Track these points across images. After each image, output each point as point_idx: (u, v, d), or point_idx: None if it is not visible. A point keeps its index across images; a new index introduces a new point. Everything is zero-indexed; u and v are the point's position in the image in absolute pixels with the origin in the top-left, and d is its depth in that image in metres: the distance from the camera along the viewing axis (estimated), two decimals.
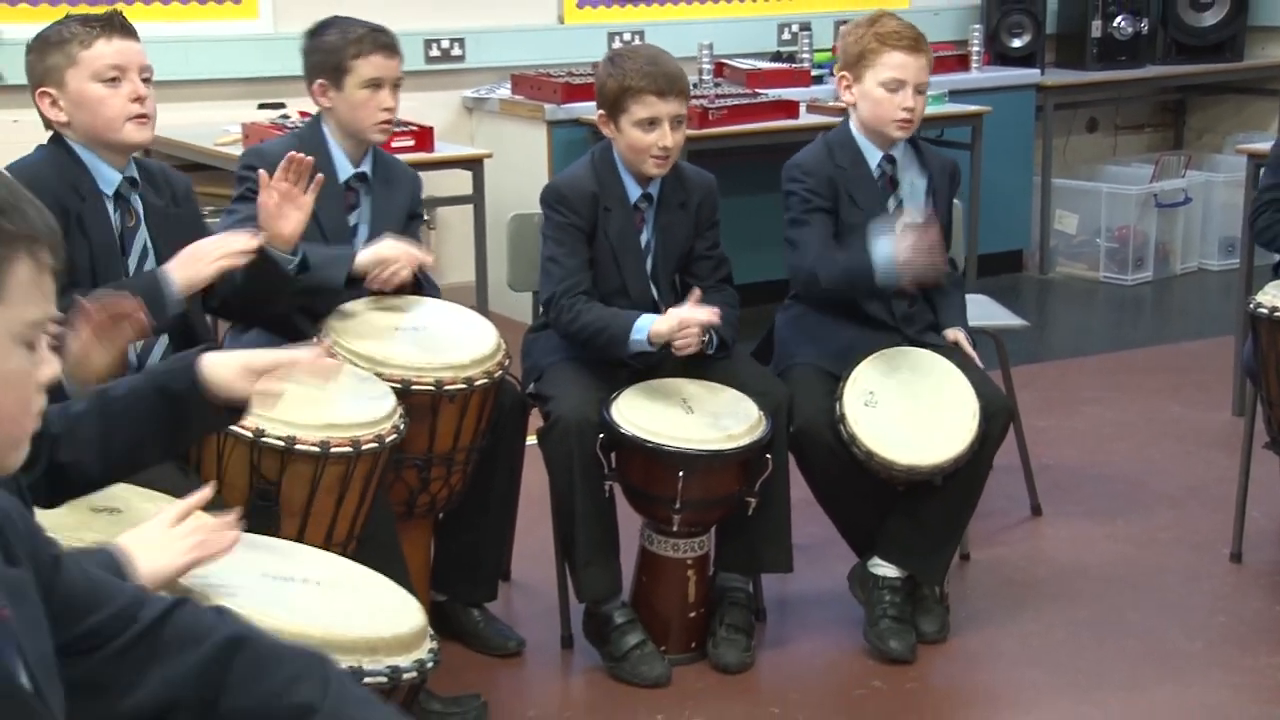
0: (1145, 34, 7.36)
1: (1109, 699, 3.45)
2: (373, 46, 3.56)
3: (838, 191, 3.74)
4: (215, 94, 5.91)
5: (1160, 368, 5.87)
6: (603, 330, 3.54)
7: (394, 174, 3.74)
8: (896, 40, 3.65)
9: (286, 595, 2.20)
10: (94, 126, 3.11)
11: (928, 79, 3.73)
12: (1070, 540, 4.32)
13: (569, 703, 3.54)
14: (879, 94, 3.68)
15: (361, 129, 3.60)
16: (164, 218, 3.25)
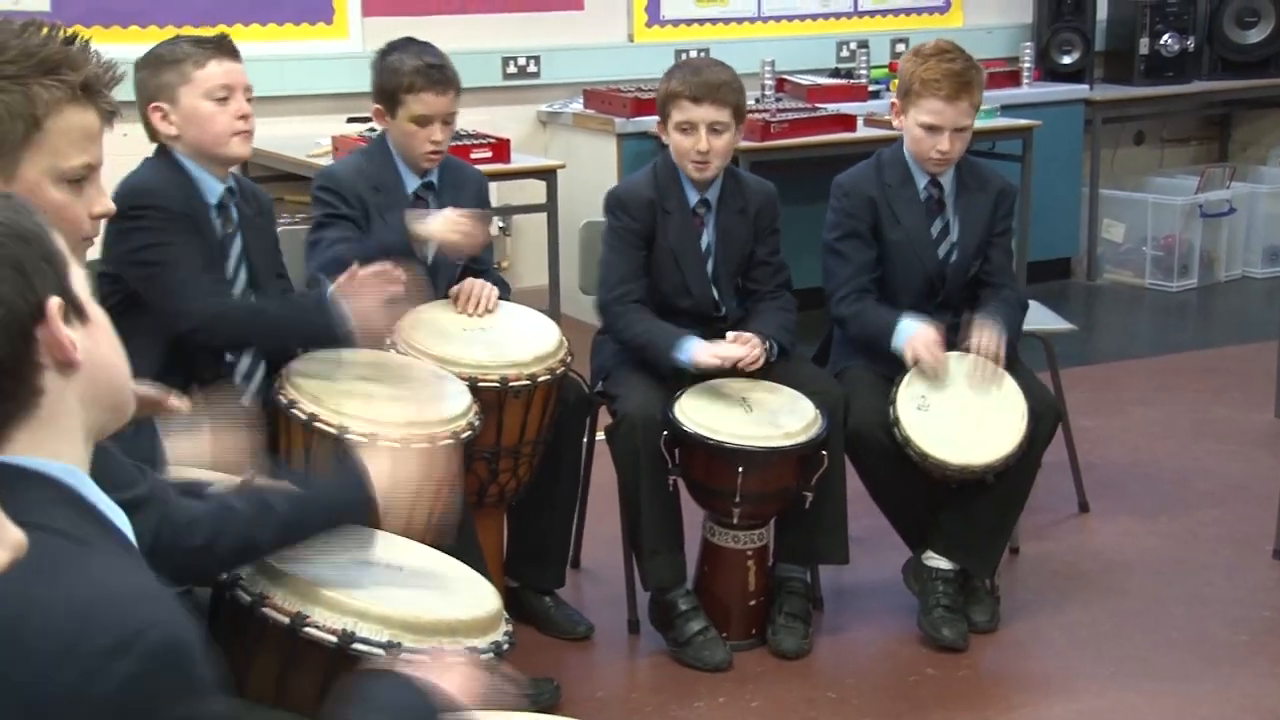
0: (1191, 51, 7.30)
1: (1154, 688, 3.43)
2: (425, 83, 3.53)
3: (878, 210, 3.73)
4: (308, 109, 5.96)
5: (1204, 371, 5.81)
6: (648, 345, 3.56)
7: (461, 178, 3.76)
8: (935, 89, 3.61)
9: (371, 579, 2.21)
10: (202, 140, 3.15)
11: (970, 120, 3.68)
12: (1116, 535, 4.29)
13: (636, 685, 3.55)
14: (918, 133, 3.67)
15: (411, 157, 3.61)
16: (254, 228, 3.29)
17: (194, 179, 3.16)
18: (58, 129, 1.92)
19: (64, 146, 1.93)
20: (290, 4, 6.06)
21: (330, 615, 2.08)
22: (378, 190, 3.57)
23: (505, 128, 5.96)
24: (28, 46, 1.90)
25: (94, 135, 1.98)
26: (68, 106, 1.93)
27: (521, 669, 3.30)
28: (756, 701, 3.39)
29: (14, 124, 1.89)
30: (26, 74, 1.89)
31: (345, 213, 3.52)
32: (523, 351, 3.42)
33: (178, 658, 1.20)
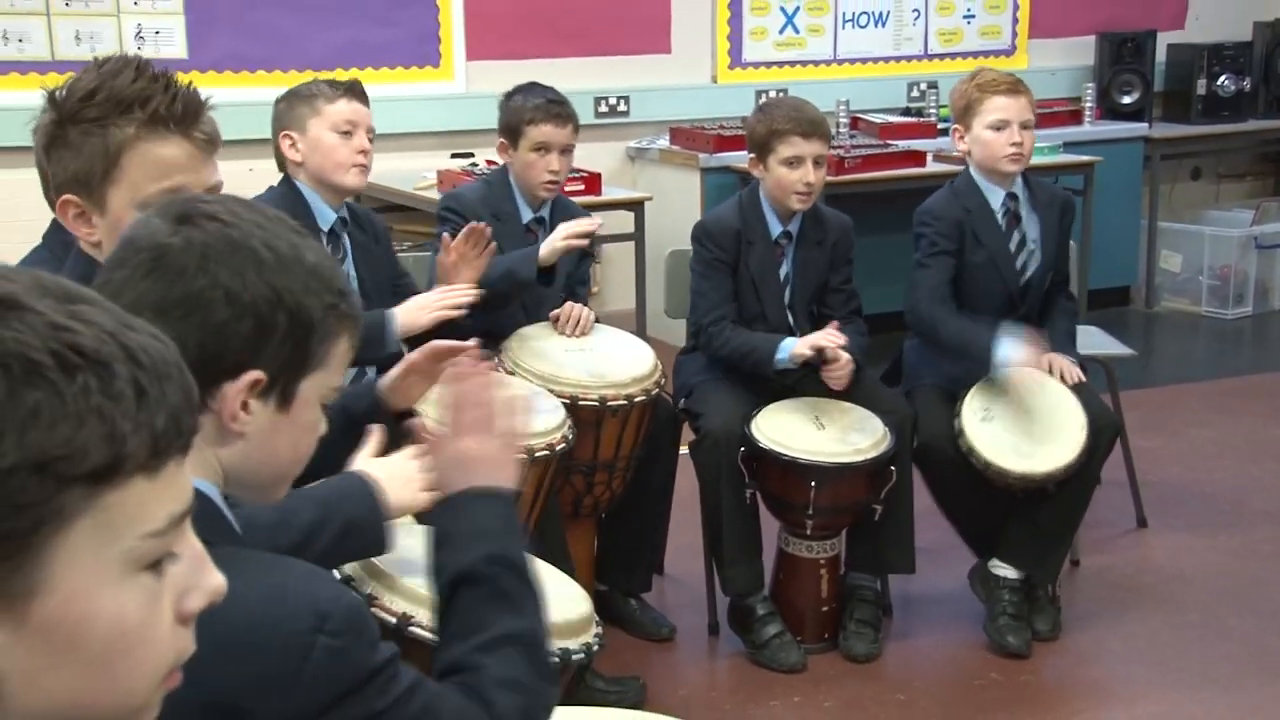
0: (1247, 91, 7.24)
1: (1211, 697, 3.36)
2: (545, 116, 3.60)
3: (964, 232, 3.71)
4: (415, 145, 6.02)
5: (1260, 394, 5.73)
6: (750, 352, 3.55)
7: (570, 215, 3.78)
8: (995, 87, 3.66)
9: None
10: (323, 167, 3.23)
11: (1031, 116, 3.68)
12: (1174, 550, 4.22)
13: (715, 684, 3.53)
14: (988, 135, 3.66)
15: (530, 186, 3.65)
16: (367, 253, 3.36)
17: (309, 205, 3.24)
18: (133, 163, 1.90)
19: (140, 179, 1.90)
20: (402, 49, 6.15)
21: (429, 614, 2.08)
22: (496, 218, 3.61)
23: (597, 162, 6.00)
24: (114, 87, 1.89)
25: (177, 164, 1.93)
26: (144, 140, 1.90)
27: (608, 668, 3.34)
28: (829, 702, 3.37)
29: (96, 161, 1.89)
30: (106, 114, 1.88)
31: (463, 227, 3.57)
32: (621, 373, 3.43)
33: (361, 621, 1.32)
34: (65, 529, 0.84)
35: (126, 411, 0.85)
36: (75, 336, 0.85)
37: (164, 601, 0.91)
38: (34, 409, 0.82)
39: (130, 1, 5.73)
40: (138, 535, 0.87)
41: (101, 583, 0.86)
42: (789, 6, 6.85)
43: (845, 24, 6.98)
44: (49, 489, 0.83)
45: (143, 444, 0.86)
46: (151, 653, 0.90)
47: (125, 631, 0.88)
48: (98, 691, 0.88)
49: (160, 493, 0.89)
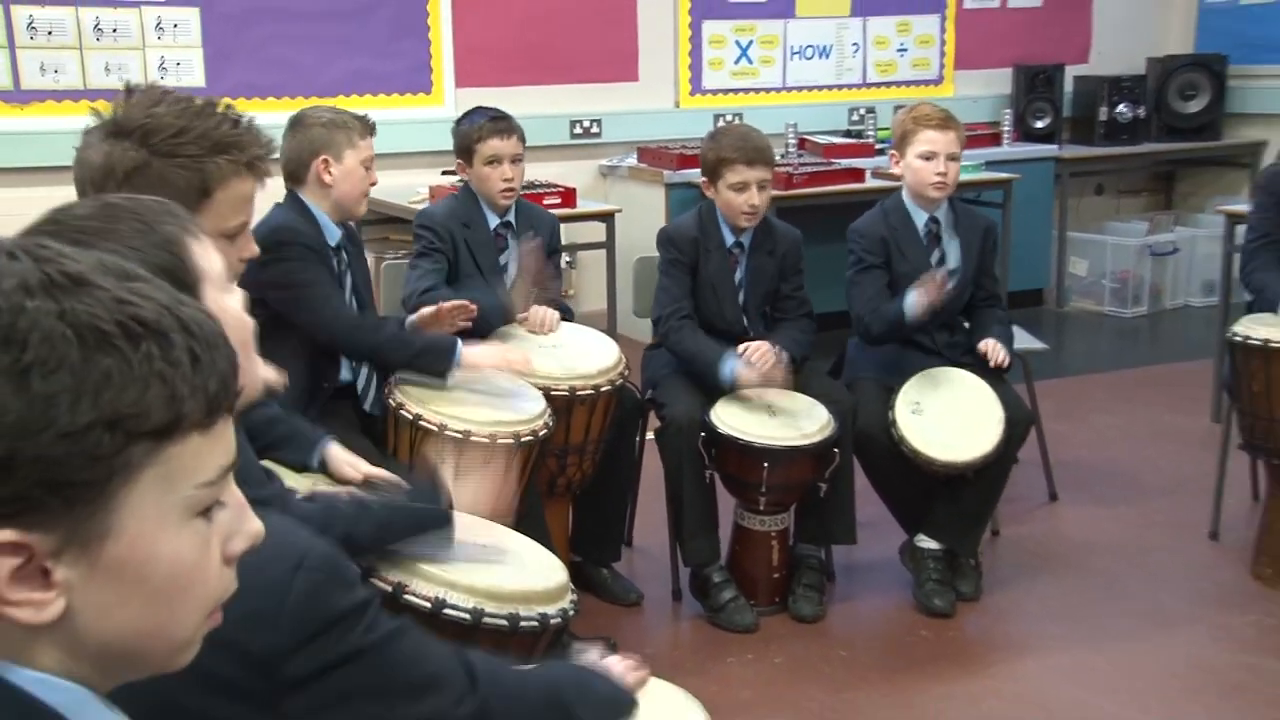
0: (1142, 118, 7.27)
1: (1111, 648, 3.39)
2: (490, 132, 3.56)
3: (889, 248, 3.71)
4: (410, 164, 5.99)
5: (1155, 384, 5.75)
6: (696, 357, 3.54)
7: (535, 218, 3.76)
8: (927, 121, 3.64)
9: (460, 555, 2.20)
10: (349, 195, 3.21)
11: (959, 150, 3.67)
12: (1081, 521, 4.24)
13: (679, 644, 3.52)
14: (918, 164, 3.65)
15: (490, 196, 3.62)
16: (357, 263, 3.35)
17: (320, 223, 3.19)
18: (224, 198, 1.95)
19: (227, 211, 1.96)
20: (399, 78, 6.12)
21: (425, 585, 2.07)
22: (466, 226, 3.60)
23: (572, 178, 5.98)
24: (205, 129, 1.92)
25: (250, 199, 2.02)
26: (234, 179, 1.95)
27: (583, 630, 3.32)
28: (779, 659, 3.37)
29: (190, 193, 1.91)
30: (204, 153, 1.91)
31: (438, 246, 3.56)
32: (588, 366, 3.41)
33: (335, 565, 1.31)
34: (133, 480, 0.86)
35: (184, 376, 0.87)
36: (137, 309, 0.86)
37: (213, 544, 0.93)
38: (106, 373, 0.83)
39: (154, 36, 5.68)
40: (193, 485, 0.90)
41: (162, 527, 0.88)
42: (743, 40, 6.84)
43: (793, 56, 6.97)
44: (120, 443, 0.84)
45: (198, 405, 0.88)
46: (202, 590, 0.93)
47: (182, 571, 0.90)
48: (158, 625, 0.90)
49: (212, 447, 0.91)
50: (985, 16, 7.33)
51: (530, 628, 2.09)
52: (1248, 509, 4.18)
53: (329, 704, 1.27)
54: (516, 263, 3.64)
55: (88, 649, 0.88)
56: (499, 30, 6.23)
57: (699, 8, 6.70)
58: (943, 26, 7.26)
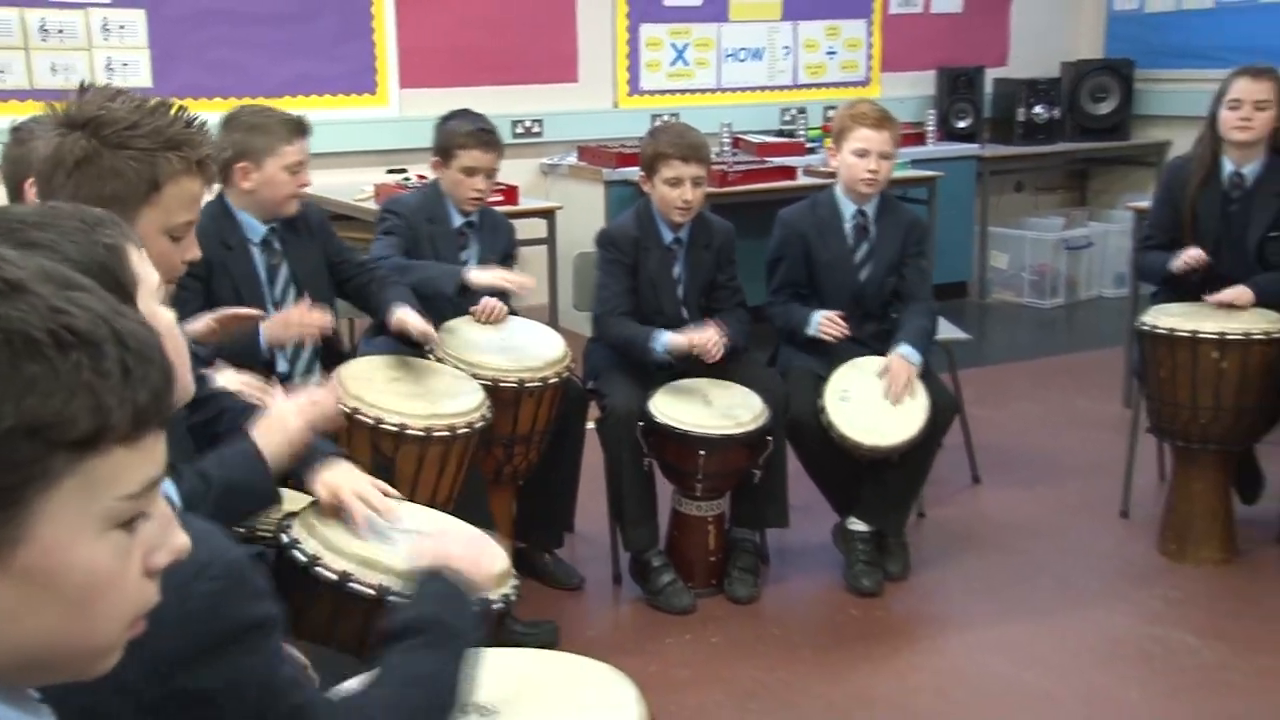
0: (1057, 119, 7.32)
1: (1030, 622, 3.42)
2: (475, 143, 3.54)
3: (809, 239, 3.72)
4: (355, 162, 5.92)
5: (1071, 371, 5.81)
6: (630, 341, 3.53)
7: (496, 223, 3.76)
8: (863, 119, 3.63)
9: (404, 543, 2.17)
10: (271, 199, 3.14)
11: (892, 150, 3.67)
12: (1002, 503, 4.27)
13: (619, 626, 3.51)
14: (851, 160, 3.65)
15: (457, 200, 3.60)
16: (303, 251, 3.27)
17: (239, 222, 3.13)
18: (172, 193, 1.91)
19: (175, 207, 1.92)
20: (344, 79, 6.05)
21: (369, 574, 2.04)
22: (431, 221, 3.59)
23: (514, 176, 5.92)
24: (158, 125, 1.90)
25: (198, 199, 1.98)
26: (183, 176, 1.92)
27: (528, 613, 3.30)
28: (716, 638, 3.37)
29: (139, 186, 1.88)
30: (156, 148, 1.89)
31: (400, 227, 3.56)
32: (535, 359, 3.38)
33: (240, 575, 1.23)
34: (51, 488, 0.82)
35: (113, 387, 0.84)
36: (71, 319, 0.83)
37: (134, 556, 0.90)
38: (30, 380, 0.81)
39: (101, 37, 5.56)
40: (115, 497, 0.86)
41: (78, 536, 0.85)
42: (679, 43, 6.83)
43: (727, 58, 6.97)
44: (39, 451, 0.81)
45: (125, 417, 0.85)
46: (120, 600, 0.89)
47: (98, 581, 0.87)
48: (71, 632, 0.87)
49: (138, 460, 0.87)
50: (909, 21, 7.37)
51: None
52: (1155, 488, 4.24)
53: None
54: (476, 262, 3.62)
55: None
56: (442, 33, 6.17)
57: (636, 12, 6.68)
58: (869, 31, 7.29)
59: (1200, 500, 3.77)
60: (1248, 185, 3.83)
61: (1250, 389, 3.61)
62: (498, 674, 1.67)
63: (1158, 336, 3.67)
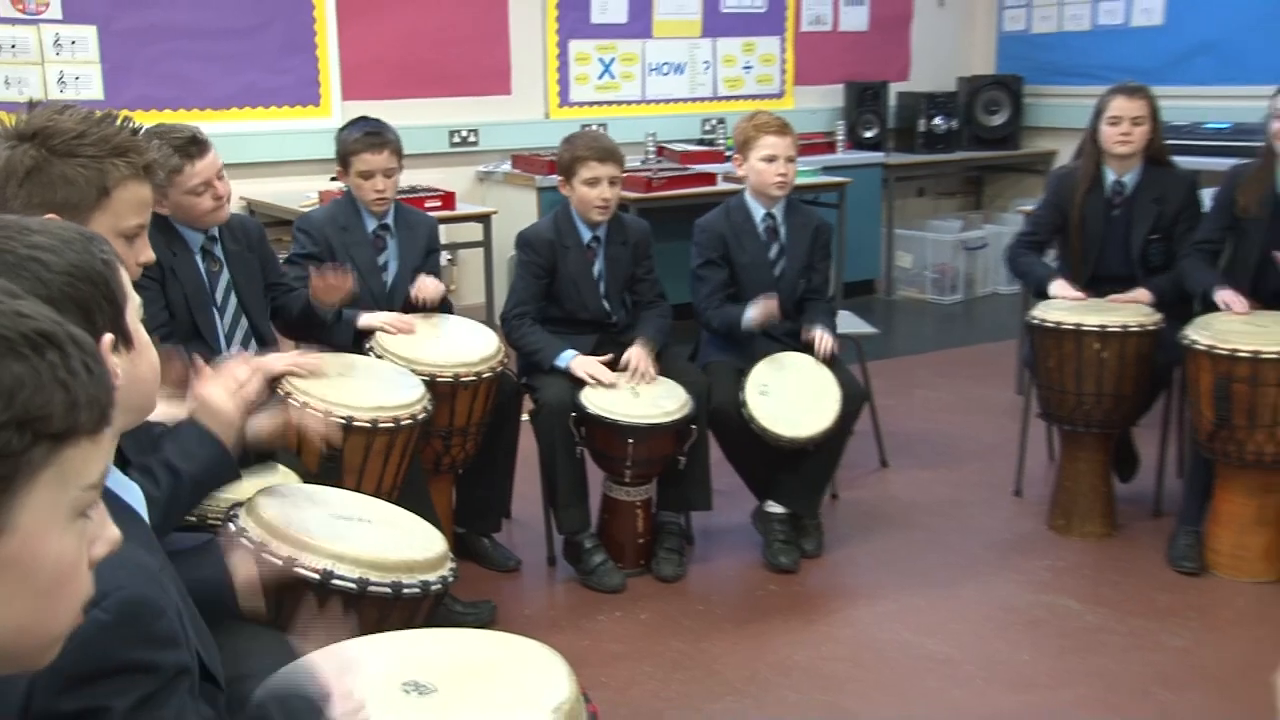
0: (955, 130, 7.41)
1: (933, 593, 3.46)
2: (364, 146, 3.44)
3: (728, 242, 3.72)
4: (300, 170, 5.83)
5: (970, 362, 5.88)
6: (535, 353, 3.52)
7: (414, 220, 3.67)
8: (767, 127, 3.66)
9: (346, 530, 2.14)
10: (189, 219, 3.05)
11: (795, 153, 3.70)
12: (908, 484, 4.32)
13: (554, 604, 3.50)
14: (761, 166, 3.67)
15: (364, 204, 3.52)
16: (242, 260, 3.20)
17: (179, 234, 3.06)
18: (122, 198, 1.88)
19: (125, 211, 1.89)
20: (289, 92, 5.95)
21: (314, 558, 2.01)
22: (345, 229, 3.51)
23: (452, 183, 5.89)
24: (104, 134, 1.87)
25: (147, 203, 1.94)
26: (131, 181, 1.89)
27: (468, 594, 3.28)
28: (645, 615, 3.37)
29: (90, 191, 1.85)
30: (103, 155, 1.85)
31: (311, 251, 3.46)
32: (470, 355, 3.35)
33: (137, 613, 1.15)
34: (32, 479, 0.84)
35: (82, 384, 0.86)
36: (36, 323, 0.85)
37: (84, 545, 0.90)
38: (19, 378, 0.82)
39: (53, 52, 5.42)
40: (81, 487, 0.87)
41: (53, 526, 0.86)
42: (606, 58, 6.81)
43: (651, 72, 6.96)
44: (26, 443, 0.82)
45: (92, 412, 0.87)
46: (80, 587, 0.90)
47: (65, 569, 0.88)
48: (40, 619, 0.87)
49: (98, 453, 0.89)
50: (819, 38, 7.43)
51: (412, 594, 2.04)
52: (1045, 469, 4.31)
53: None
54: (398, 261, 3.57)
55: None
56: (382, 47, 6.10)
57: (566, 28, 6.65)
58: (783, 47, 7.33)
59: (1084, 479, 3.84)
60: (1128, 193, 3.91)
61: (1128, 377, 3.68)
62: (435, 653, 1.66)
63: (1046, 329, 3.73)
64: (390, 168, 3.49)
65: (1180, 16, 6.81)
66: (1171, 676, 3.00)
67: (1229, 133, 6.06)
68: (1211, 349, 3.40)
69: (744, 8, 7.14)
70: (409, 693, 1.55)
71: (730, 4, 7.10)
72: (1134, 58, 6.85)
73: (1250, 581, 3.49)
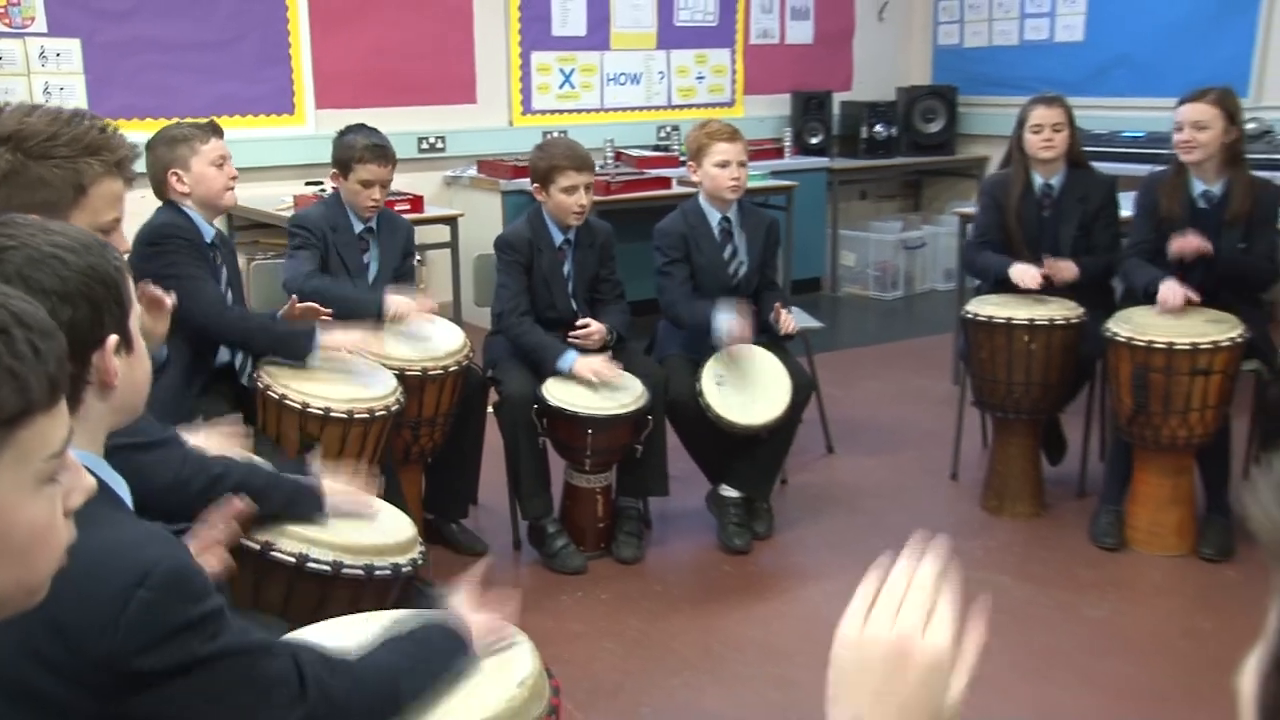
0: (894, 136, 7.45)
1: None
2: (371, 157, 3.44)
3: (688, 244, 3.73)
4: (276, 175, 5.78)
5: (910, 354, 5.92)
6: (538, 350, 3.50)
7: (394, 225, 3.65)
8: (719, 135, 3.67)
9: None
10: (208, 194, 3.07)
11: (746, 158, 3.71)
12: (853, 469, 4.34)
13: (519, 586, 3.48)
14: (714, 171, 3.67)
15: (357, 208, 3.51)
16: (230, 261, 3.22)
17: (196, 223, 3.06)
18: (98, 194, 1.86)
19: (101, 207, 1.87)
20: (265, 100, 5.90)
21: (289, 543, 2.00)
22: (334, 229, 3.49)
23: (420, 187, 5.85)
24: (76, 133, 1.84)
25: (121, 197, 1.93)
26: (105, 178, 1.87)
27: (438, 578, 3.26)
28: (605, 595, 3.37)
29: (67, 191, 1.83)
30: (77, 154, 1.83)
31: (313, 242, 3.45)
32: (438, 349, 3.35)
33: (180, 580, 1.18)
34: None
35: (30, 367, 0.84)
36: None
37: (58, 503, 0.91)
38: None
39: (39, 64, 5.35)
40: (43, 458, 0.87)
41: (20, 498, 0.86)
42: (566, 68, 6.80)
43: (609, 82, 6.96)
44: None
45: (43, 390, 0.86)
46: (55, 544, 0.91)
47: (39, 532, 0.89)
48: (19, 577, 0.88)
49: (56, 424, 0.88)
50: (768, 51, 7.45)
51: (384, 576, 2.04)
52: (979, 454, 4.34)
53: (167, 707, 1.17)
54: (378, 263, 3.55)
55: None
56: (353, 58, 6.06)
57: (528, 40, 6.63)
58: (733, 58, 7.35)
59: (1015, 463, 3.88)
60: (1056, 195, 3.96)
61: (1054, 366, 3.73)
62: None
63: (979, 323, 3.77)
64: (389, 179, 3.50)
65: (1099, 33, 6.90)
66: (1093, 644, 3.05)
67: (1144, 141, 6.15)
68: (1130, 340, 3.45)
69: (696, 22, 7.16)
70: None
71: (684, 18, 7.10)
72: (1057, 71, 6.94)
73: (1164, 555, 3.55)
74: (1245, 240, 3.64)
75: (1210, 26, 6.33)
